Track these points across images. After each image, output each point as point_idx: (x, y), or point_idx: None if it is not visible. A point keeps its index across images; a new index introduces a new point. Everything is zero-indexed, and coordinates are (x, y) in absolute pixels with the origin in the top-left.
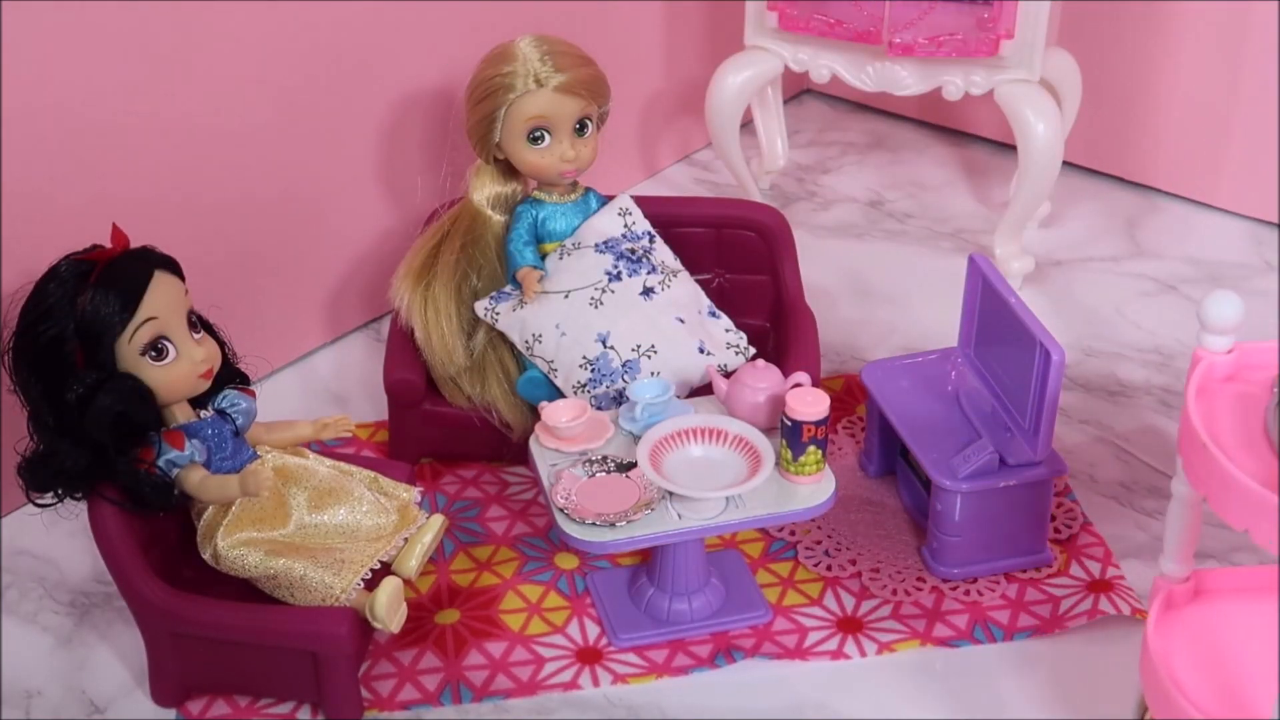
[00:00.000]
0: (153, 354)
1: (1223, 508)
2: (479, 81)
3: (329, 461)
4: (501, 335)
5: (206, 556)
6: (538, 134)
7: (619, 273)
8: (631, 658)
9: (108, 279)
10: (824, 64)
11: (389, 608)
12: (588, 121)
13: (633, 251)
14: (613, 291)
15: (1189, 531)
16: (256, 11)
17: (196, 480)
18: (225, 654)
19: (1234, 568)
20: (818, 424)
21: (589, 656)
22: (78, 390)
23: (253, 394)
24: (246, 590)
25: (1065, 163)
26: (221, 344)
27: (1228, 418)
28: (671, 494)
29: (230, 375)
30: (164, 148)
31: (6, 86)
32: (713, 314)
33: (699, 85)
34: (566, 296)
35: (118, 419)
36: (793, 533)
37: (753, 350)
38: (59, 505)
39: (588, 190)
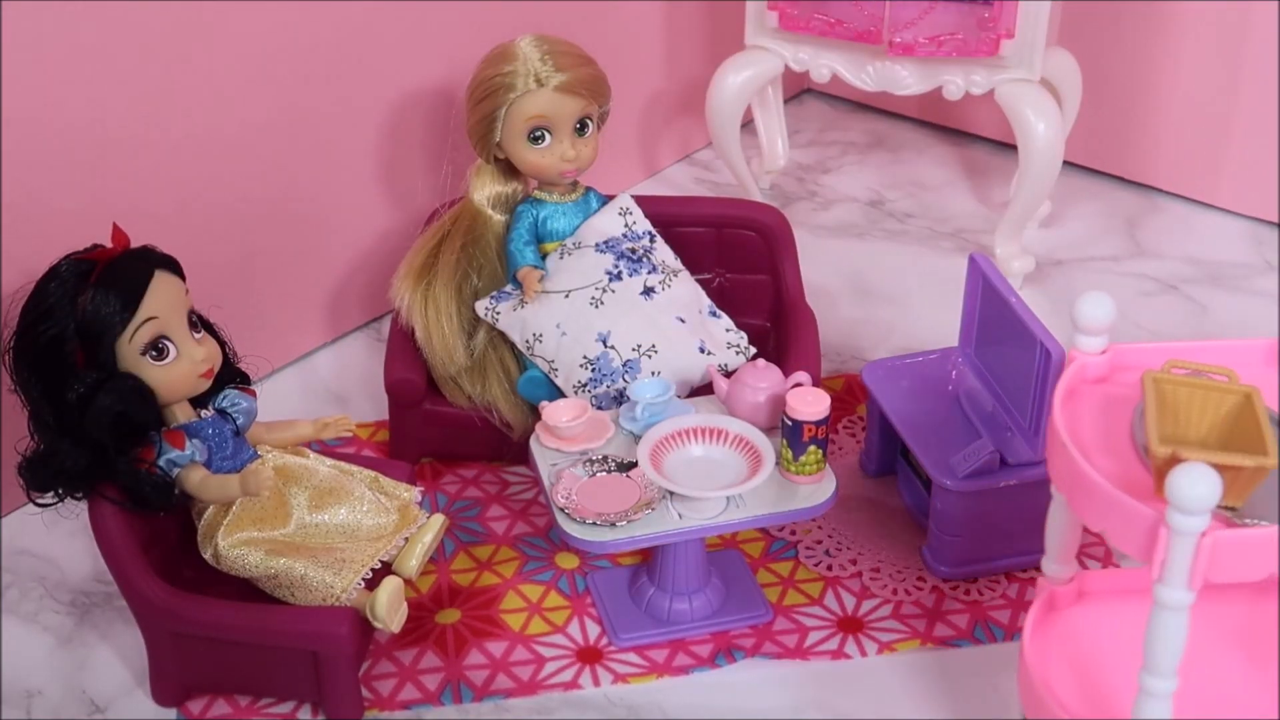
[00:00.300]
0: (153, 354)
1: (1081, 508)
2: (479, 81)
3: (329, 461)
4: (502, 335)
5: (207, 556)
6: (538, 134)
7: (619, 272)
8: (632, 657)
9: (108, 279)
10: (824, 64)
11: (389, 607)
12: (588, 121)
13: (633, 251)
14: (613, 291)
15: (1070, 533)
16: (257, 12)
17: (197, 480)
18: (225, 654)
19: (1116, 569)
20: (818, 424)
21: (589, 656)
22: (78, 390)
23: (253, 393)
24: (247, 590)
25: (1065, 163)
26: (222, 343)
27: (1095, 419)
28: (672, 493)
29: (231, 375)
30: (165, 147)
31: (7, 88)
32: (713, 314)
33: (699, 85)
34: (567, 296)
35: (118, 419)
36: (793, 532)
37: (753, 350)
38: (59, 505)
39: (588, 190)
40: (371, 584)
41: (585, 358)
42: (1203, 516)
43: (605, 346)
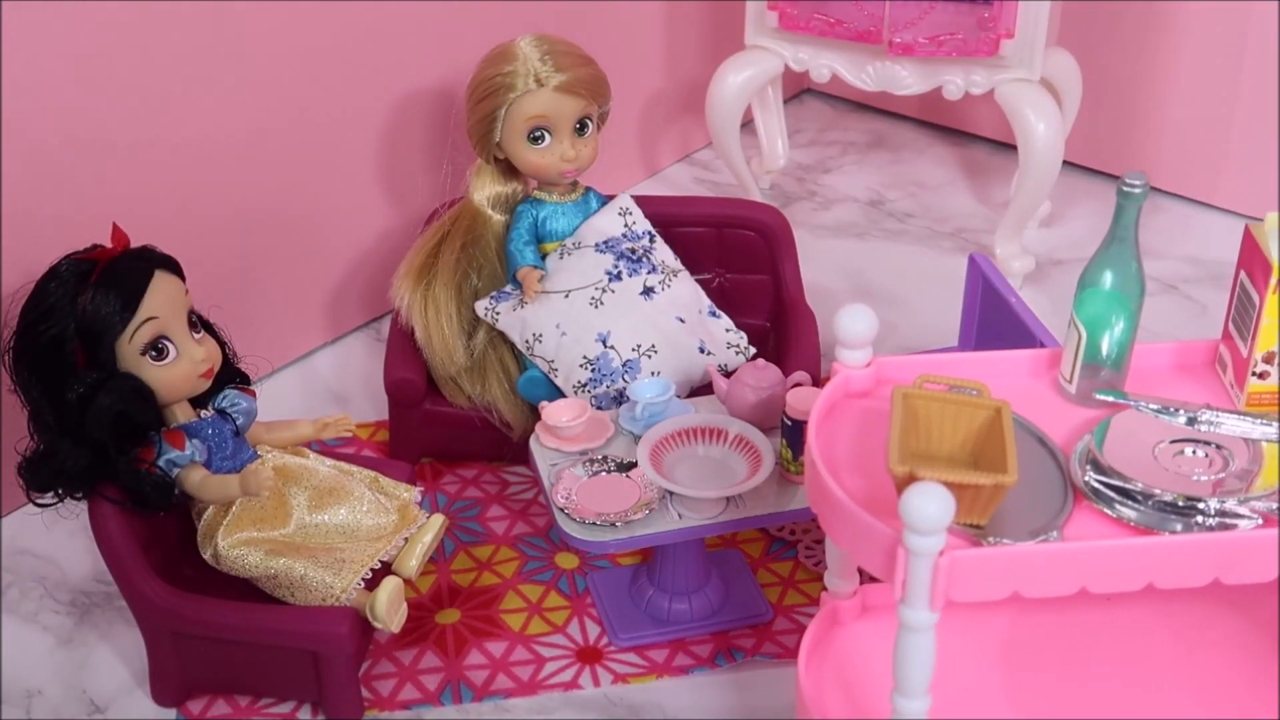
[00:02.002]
0: (153, 353)
1: (828, 526)
2: (479, 81)
3: (329, 461)
4: (502, 335)
5: (207, 556)
6: (538, 134)
7: (619, 272)
8: (632, 657)
9: (108, 278)
10: (824, 63)
11: (389, 607)
12: (588, 121)
13: (633, 251)
14: (613, 291)
15: None
16: (258, 12)
17: (197, 480)
18: (225, 654)
19: (877, 584)
20: None
21: (589, 656)
22: (78, 390)
23: (253, 394)
24: (247, 590)
25: (1065, 162)
26: (222, 344)
27: (853, 435)
28: (672, 493)
29: (231, 375)
30: (165, 148)
31: (8, 90)
32: (713, 314)
33: (699, 85)
34: (567, 296)
35: (118, 418)
36: (792, 532)
37: (753, 350)
38: (59, 505)
39: (588, 190)
40: (371, 584)
41: (585, 358)
42: (938, 536)
43: (605, 346)
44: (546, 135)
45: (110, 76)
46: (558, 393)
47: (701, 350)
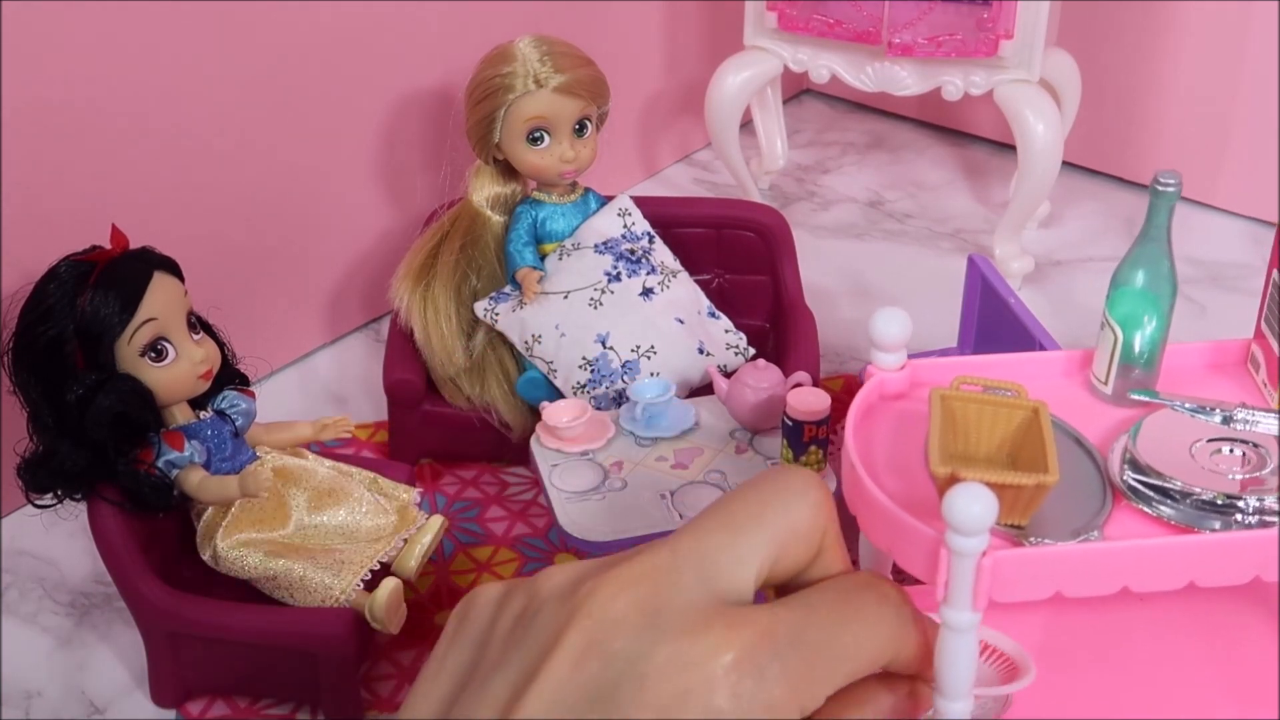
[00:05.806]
0: (152, 355)
1: (868, 528)
2: (478, 82)
3: (329, 462)
4: (501, 336)
5: (206, 557)
6: (537, 135)
7: (618, 273)
8: None
9: (107, 280)
10: (823, 64)
11: (389, 608)
12: (587, 122)
13: (632, 252)
14: (612, 292)
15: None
16: (255, 11)
17: (196, 481)
18: (225, 655)
19: (917, 586)
20: (819, 424)
21: None
22: (77, 391)
23: (252, 395)
24: (246, 591)
25: (1065, 163)
26: (221, 345)
27: (890, 437)
28: (673, 493)
29: (230, 376)
30: (163, 149)
31: (7, 90)
32: (712, 315)
33: (699, 85)
34: (566, 297)
35: (117, 419)
36: None
37: (752, 351)
38: (59, 506)
39: (587, 190)
40: (371, 585)
41: (584, 358)
42: (981, 537)
43: (604, 347)
44: (545, 136)
45: (109, 77)
46: (557, 393)
47: (701, 351)
